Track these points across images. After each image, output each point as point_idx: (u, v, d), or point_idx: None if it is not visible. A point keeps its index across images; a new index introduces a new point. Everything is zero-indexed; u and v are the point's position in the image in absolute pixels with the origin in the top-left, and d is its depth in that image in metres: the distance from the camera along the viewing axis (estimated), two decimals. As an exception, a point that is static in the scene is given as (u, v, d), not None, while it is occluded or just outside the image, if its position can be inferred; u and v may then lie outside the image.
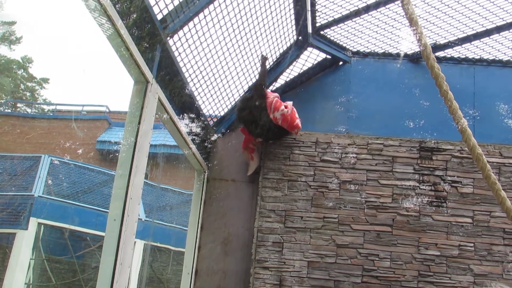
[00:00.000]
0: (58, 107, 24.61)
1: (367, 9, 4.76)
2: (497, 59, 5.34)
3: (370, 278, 4.73)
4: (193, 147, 4.75)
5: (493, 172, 3.05)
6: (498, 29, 4.91)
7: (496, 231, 4.79)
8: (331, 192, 4.97)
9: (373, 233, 4.86)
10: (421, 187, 4.95)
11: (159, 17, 3.41)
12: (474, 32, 4.97)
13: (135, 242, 4.21)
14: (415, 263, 4.76)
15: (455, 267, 4.73)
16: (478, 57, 5.35)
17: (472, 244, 4.78)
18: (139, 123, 3.29)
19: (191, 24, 3.88)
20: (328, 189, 4.98)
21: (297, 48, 5.18)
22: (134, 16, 3.12)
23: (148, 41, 3.36)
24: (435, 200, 4.90)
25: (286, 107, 4.68)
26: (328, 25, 5.05)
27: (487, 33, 4.98)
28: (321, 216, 4.91)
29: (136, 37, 3.13)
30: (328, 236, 4.86)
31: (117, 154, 3.44)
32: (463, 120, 2.79)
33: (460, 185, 4.91)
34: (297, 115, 4.79)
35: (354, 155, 5.08)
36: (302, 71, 5.45)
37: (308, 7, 4.70)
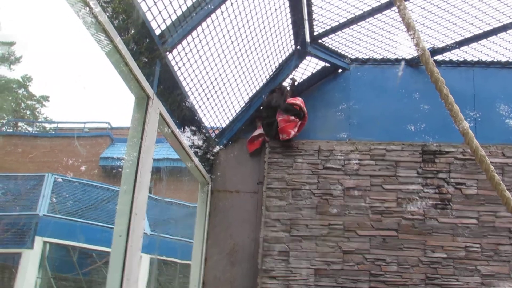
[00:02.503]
0: (60, 125, 24.79)
1: (364, 16, 4.86)
2: (495, 60, 5.46)
3: (377, 283, 4.83)
4: (196, 159, 4.84)
5: (496, 173, 3.13)
6: (496, 31, 5.02)
7: (502, 231, 4.90)
8: (336, 199, 5.08)
9: (379, 238, 4.96)
10: (425, 190, 5.06)
11: (157, 32, 3.50)
12: (471, 34, 5.08)
13: (141, 256, 4.30)
14: (422, 266, 4.85)
15: (462, 269, 4.82)
16: (477, 59, 5.46)
17: (478, 245, 4.88)
18: (141, 138, 3.34)
19: (189, 38, 3.97)
20: (332, 196, 5.09)
21: (296, 57, 5.29)
22: (132, 32, 3.21)
23: (147, 57, 3.45)
24: (439, 202, 5.00)
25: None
26: (326, 33, 5.17)
27: (485, 35, 5.08)
28: (326, 223, 5.02)
29: (135, 52, 3.20)
30: (334, 243, 4.97)
31: (120, 170, 3.50)
32: (465, 123, 2.85)
33: (464, 187, 5.02)
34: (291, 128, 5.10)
35: (357, 161, 5.19)
36: (302, 80, 5.57)
37: (305, 17, 4.80)
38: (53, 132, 24.21)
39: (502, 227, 4.90)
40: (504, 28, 4.97)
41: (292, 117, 5.07)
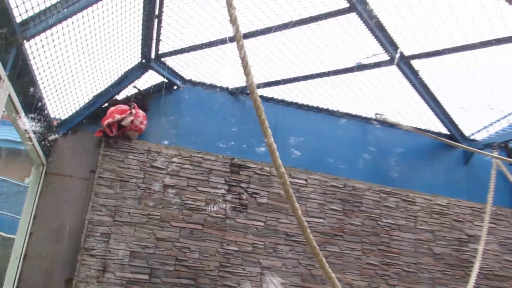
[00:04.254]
0: None
1: (202, 46, 5.55)
2: (293, 102, 6.59)
3: (181, 267, 5.52)
4: (36, 143, 5.02)
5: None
6: (298, 79, 6.12)
7: (281, 234, 5.92)
8: (156, 193, 5.68)
9: (187, 230, 5.65)
10: (228, 195, 5.91)
11: (19, 20, 3.65)
12: (280, 78, 6.12)
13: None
14: (218, 256, 5.65)
15: (248, 261, 5.72)
16: (281, 98, 6.55)
17: (262, 243, 5.83)
18: None
19: (49, 32, 4.14)
20: (154, 191, 5.68)
21: (141, 69, 5.81)
22: None
23: (4, 40, 3.57)
24: (238, 206, 5.89)
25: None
26: (168, 54, 5.77)
27: (289, 81, 6.14)
28: (146, 213, 5.58)
29: None
30: (150, 231, 5.53)
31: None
32: (274, 145, 3.10)
33: (258, 196, 5.99)
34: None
35: (178, 164, 5.86)
36: (143, 89, 6.05)
37: (154, 36, 5.36)
38: None
39: (281, 231, 5.91)
40: (304, 78, 6.05)
41: (122, 106, 5.61)
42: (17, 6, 3.55)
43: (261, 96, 6.43)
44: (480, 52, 5.21)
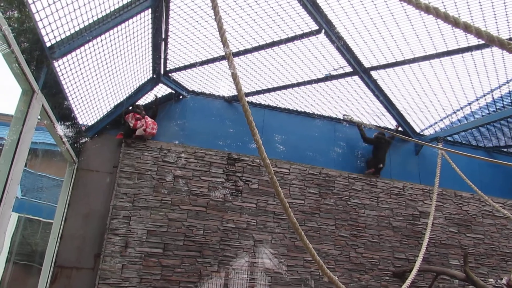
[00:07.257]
0: None
1: (202, 63, 5.58)
2: (277, 106, 6.66)
3: (189, 242, 5.56)
4: (68, 145, 5.07)
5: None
6: (280, 88, 6.17)
7: (270, 213, 5.97)
8: (168, 183, 5.71)
9: (194, 212, 5.69)
10: (226, 183, 5.94)
11: (48, 44, 3.72)
12: (266, 87, 6.18)
13: (11, 214, 4.19)
14: (219, 232, 5.70)
15: (244, 235, 5.78)
16: (267, 104, 6.62)
17: (255, 221, 5.88)
18: (23, 122, 3.43)
19: (73, 53, 4.15)
20: (166, 181, 5.71)
21: (152, 83, 5.86)
22: (28, 43, 3.40)
23: (37, 62, 3.62)
24: (234, 191, 5.93)
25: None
26: (175, 70, 5.83)
27: (273, 89, 6.20)
28: (159, 199, 5.61)
29: (28, 58, 3.41)
30: (163, 213, 5.57)
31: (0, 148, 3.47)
32: (260, 140, 3.06)
33: (250, 183, 6.05)
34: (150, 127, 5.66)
35: (185, 159, 5.89)
36: (159, 96, 6.08)
37: (162, 56, 5.40)
38: None
39: (270, 211, 5.97)
40: (285, 87, 6.09)
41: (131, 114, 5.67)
42: (47, 34, 3.64)
43: (250, 102, 6.49)
44: (425, 64, 5.27)
